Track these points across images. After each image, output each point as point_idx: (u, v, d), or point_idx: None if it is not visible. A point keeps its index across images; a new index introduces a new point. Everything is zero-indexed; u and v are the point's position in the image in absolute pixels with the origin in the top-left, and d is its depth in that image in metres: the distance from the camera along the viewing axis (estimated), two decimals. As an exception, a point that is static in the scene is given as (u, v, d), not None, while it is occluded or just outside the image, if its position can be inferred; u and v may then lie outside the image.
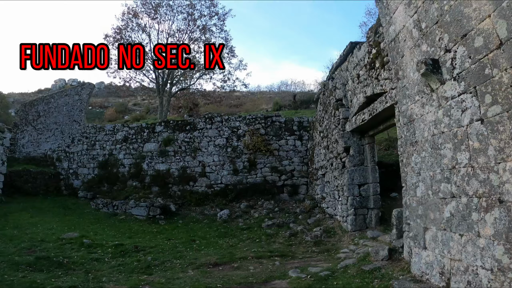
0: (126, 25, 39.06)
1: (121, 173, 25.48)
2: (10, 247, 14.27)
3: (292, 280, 10.00)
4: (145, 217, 20.62)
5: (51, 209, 22.07)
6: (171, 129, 24.64)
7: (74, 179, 27.07)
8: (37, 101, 33.62)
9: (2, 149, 23.16)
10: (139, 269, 12.10)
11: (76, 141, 27.88)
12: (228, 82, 40.81)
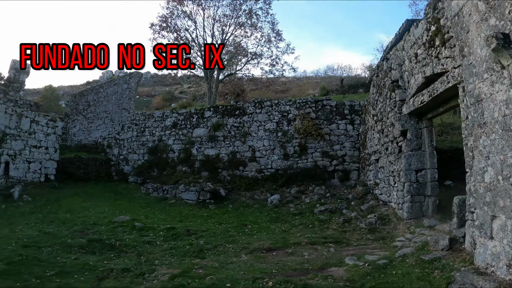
0: (171, 13, 38.72)
1: (170, 158, 25.20)
2: (63, 230, 14.11)
3: (349, 267, 9.35)
4: (195, 201, 20.21)
5: (102, 194, 22.10)
6: (220, 114, 24.09)
7: (124, 165, 27.08)
8: (86, 91, 33.80)
9: (55, 137, 23.77)
10: (192, 253, 11.65)
11: (126, 128, 27.80)
12: (276, 66, 39.90)
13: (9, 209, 17.64)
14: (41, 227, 14.39)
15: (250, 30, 38.54)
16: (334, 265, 9.72)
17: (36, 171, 22.69)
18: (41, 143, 23.10)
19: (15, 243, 12.16)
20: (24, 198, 19.47)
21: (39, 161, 22.91)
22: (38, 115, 23.40)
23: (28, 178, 22.17)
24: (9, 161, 21.43)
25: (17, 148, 21.83)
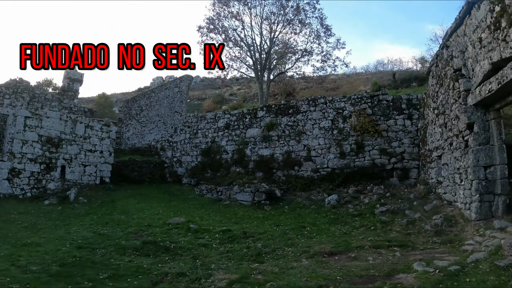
0: (218, 14, 38.28)
1: (224, 159, 24.71)
2: (117, 231, 13.81)
3: (418, 274, 8.42)
4: (250, 202, 19.56)
5: (156, 195, 21.86)
6: (273, 114, 23.37)
7: (177, 166, 26.82)
8: (139, 96, 33.92)
9: (109, 141, 23.95)
10: (249, 257, 10.98)
11: (178, 130, 27.53)
12: (328, 62, 38.45)
13: (65, 211, 17.67)
14: (95, 229, 14.15)
15: (298, 27, 37.53)
16: (402, 271, 8.82)
17: (91, 174, 22.96)
18: (96, 147, 23.40)
19: (69, 244, 11.89)
20: (79, 200, 19.46)
21: (94, 164, 23.21)
22: (92, 121, 23.75)
23: (83, 181, 22.51)
24: (65, 165, 21.92)
25: (73, 152, 22.33)
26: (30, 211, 17.72)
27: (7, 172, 20.21)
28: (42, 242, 12.09)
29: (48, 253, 10.69)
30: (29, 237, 12.88)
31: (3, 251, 10.87)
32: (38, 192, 20.75)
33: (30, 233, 13.63)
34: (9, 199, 19.64)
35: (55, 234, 13.28)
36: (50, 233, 13.58)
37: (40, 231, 14.01)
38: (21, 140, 20.79)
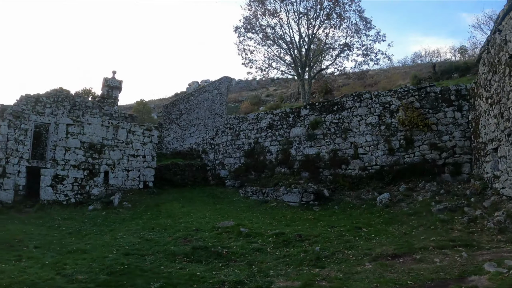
0: (255, 13, 37.12)
1: (268, 160, 23.78)
2: (165, 236, 13.13)
3: (492, 276, 7.61)
4: (298, 203, 18.62)
5: (200, 199, 21.19)
6: (317, 111, 22.34)
7: (220, 169, 26.08)
8: (177, 100, 33.44)
9: (151, 145, 23.55)
10: (308, 261, 10.10)
11: (220, 133, 26.76)
12: (370, 56, 36.57)
13: (109, 216, 17.22)
14: (142, 234, 13.50)
15: (336, 21, 35.89)
16: (473, 273, 8.00)
17: (134, 178, 22.56)
18: (138, 152, 23.01)
19: (116, 250, 11.23)
20: (124, 204, 19.07)
21: (137, 169, 22.81)
22: (134, 126, 23.38)
23: (127, 186, 22.14)
24: (108, 170, 21.73)
25: (115, 157, 22.11)
26: (74, 216, 17.41)
27: (50, 178, 20.22)
28: (88, 248, 11.46)
29: (95, 261, 10.02)
30: (74, 243, 12.35)
31: (48, 258, 10.30)
32: (81, 198, 20.61)
33: (75, 239, 13.13)
34: (53, 205, 19.53)
35: (101, 240, 12.68)
36: (96, 239, 13.01)
37: (86, 237, 13.49)
38: (63, 147, 20.80)
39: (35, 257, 10.37)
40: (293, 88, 46.51)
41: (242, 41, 37.33)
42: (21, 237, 13.00)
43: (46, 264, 9.74)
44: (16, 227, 14.82)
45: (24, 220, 16.60)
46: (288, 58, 37.26)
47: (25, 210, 18.61)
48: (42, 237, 13.23)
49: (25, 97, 24.46)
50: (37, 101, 24.62)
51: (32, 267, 9.51)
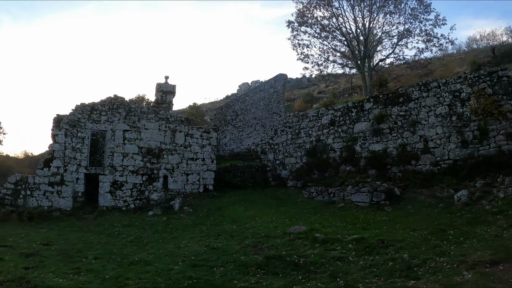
0: (309, 4, 34.97)
1: (331, 158, 22.21)
2: (233, 244, 11.97)
3: None
4: (368, 203, 17.01)
5: (262, 201, 19.89)
6: (382, 104, 20.66)
7: (281, 169, 24.67)
8: (232, 102, 32.53)
9: (210, 148, 22.73)
10: (399, 272, 8.70)
11: (279, 132, 25.41)
12: (432, 42, 33.84)
13: (170, 222, 16.27)
14: (207, 242, 12.39)
15: (395, 7, 33.43)
16: None
17: (194, 182, 21.67)
18: (197, 155, 22.20)
19: (182, 261, 10.13)
20: (185, 209, 18.18)
21: (197, 172, 21.96)
22: (191, 129, 22.59)
23: (187, 190, 21.28)
24: (167, 175, 21.09)
25: (174, 162, 21.43)
26: (134, 223, 16.62)
27: (109, 185, 19.88)
28: (151, 259, 10.40)
29: (160, 274, 8.96)
30: (136, 253, 11.35)
31: (109, 271, 9.33)
32: (141, 203, 20.10)
33: (137, 248, 12.15)
34: (112, 211, 19.09)
35: (164, 249, 11.62)
36: (158, 248, 11.95)
37: (147, 245, 12.50)
38: (121, 153, 20.46)
39: (95, 270, 9.40)
40: (345, 83, 44.52)
41: (296, 35, 35.49)
42: (80, 246, 12.21)
43: (106, 278, 8.76)
44: (75, 235, 14.16)
45: (83, 227, 15.99)
46: (344, 50, 35.13)
47: (84, 217, 18.30)
48: (101, 246, 12.35)
49: (81, 106, 24.21)
50: (93, 109, 24.29)
51: (91, 282, 8.59)
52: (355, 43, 33.75)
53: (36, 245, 12.19)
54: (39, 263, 9.86)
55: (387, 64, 35.55)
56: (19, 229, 15.24)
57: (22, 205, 18.34)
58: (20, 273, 8.95)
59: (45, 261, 10.14)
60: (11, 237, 13.28)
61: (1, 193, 18.46)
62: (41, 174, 19.16)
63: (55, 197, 19.04)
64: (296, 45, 35.28)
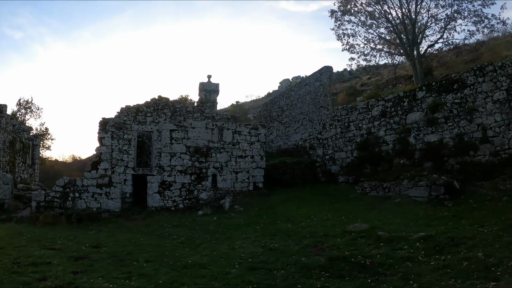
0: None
1: (384, 151, 21.04)
2: (290, 244, 11.12)
3: None
4: (426, 198, 15.80)
5: (314, 198, 18.95)
6: (435, 92, 19.34)
7: (331, 164, 23.62)
8: (277, 98, 31.80)
9: (259, 145, 22.05)
10: (476, 273, 7.70)
11: (327, 126, 24.38)
12: (483, 23, 31.46)
13: (222, 221, 15.64)
14: (263, 242, 11.59)
15: None
16: None
17: (244, 180, 21.10)
18: (246, 153, 21.62)
19: (238, 264, 9.37)
20: (235, 208, 17.56)
21: (246, 170, 21.38)
22: (239, 126, 22.01)
23: (236, 188, 20.74)
24: (216, 173, 20.65)
25: (223, 160, 20.98)
26: (184, 223, 16.10)
27: (157, 185, 19.61)
28: (205, 262, 9.66)
29: (217, 279, 8.21)
30: (189, 255, 10.63)
31: (162, 276, 8.65)
32: (190, 203, 19.74)
33: (189, 250, 11.44)
34: (161, 211, 18.74)
35: (217, 251, 10.88)
36: (212, 249, 11.22)
37: (200, 247, 11.78)
38: (169, 153, 20.25)
39: (147, 274, 8.72)
40: (388, 74, 42.83)
41: (340, 25, 34.12)
42: (130, 248, 11.61)
43: (160, 284, 8.06)
44: (125, 237, 13.67)
45: (133, 229, 15.53)
46: (390, 38, 33.58)
47: (133, 218, 18.01)
48: (152, 248, 11.70)
49: (126, 108, 24.08)
50: (138, 111, 24.01)
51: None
52: (402, 29, 31.90)
53: (85, 247, 11.70)
54: (88, 267, 9.30)
55: (436, 50, 33.38)
56: (68, 231, 14.92)
57: (71, 207, 18.21)
58: (68, 278, 8.39)
59: (95, 264, 9.57)
60: (60, 240, 12.91)
61: (50, 196, 18.38)
62: (89, 177, 19.00)
63: (103, 199, 18.87)
64: (341, 35, 33.93)
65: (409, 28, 31.62)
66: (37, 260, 9.77)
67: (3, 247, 11.42)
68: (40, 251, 10.94)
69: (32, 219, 16.80)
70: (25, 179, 27.26)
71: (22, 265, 9.36)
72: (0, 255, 10.38)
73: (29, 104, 44.97)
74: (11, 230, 14.71)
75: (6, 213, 18.16)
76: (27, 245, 11.94)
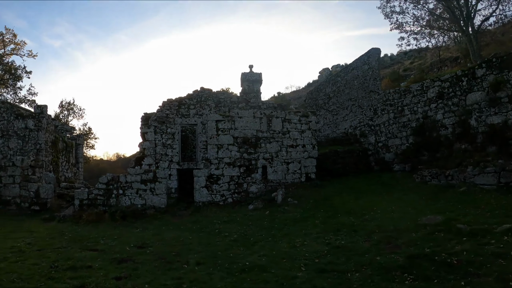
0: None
1: (442, 136, 19.18)
2: (359, 241, 9.76)
3: None
4: (495, 185, 14.11)
5: (370, 188, 17.49)
6: (496, 69, 17.38)
7: (384, 152, 22.04)
8: (322, 85, 30.36)
9: (310, 133, 20.48)
10: None
11: (379, 111, 22.78)
12: None
13: (276, 216, 14.35)
14: (327, 238, 10.24)
15: None
16: None
17: (295, 171, 19.60)
18: (296, 142, 20.05)
19: (304, 265, 8.13)
20: (289, 201, 16.23)
21: (298, 160, 19.87)
22: (288, 113, 20.45)
23: (287, 180, 19.32)
24: (266, 164, 19.33)
25: (273, 150, 19.59)
26: (235, 218, 14.90)
27: (204, 179, 18.50)
28: (265, 263, 8.39)
29: (283, 284, 6.93)
30: (245, 255, 9.39)
31: (217, 282, 7.53)
32: (239, 197, 18.57)
33: (244, 249, 10.16)
34: (208, 206, 17.65)
35: (277, 250, 9.59)
36: (270, 248, 9.93)
37: (255, 245, 10.49)
38: (215, 145, 18.98)
39: (200, 280, 7.57)
40: (431, 57, 40.44)
41: (388, 2, 31.42)
42: (179, 248, 10.48)
43: (216, 290, 6.85)
44: (172, 235, 12.59)
45: (180, 226, 14.46)
46: (440, 12, 30.93)
47: (179, 214, 16.98)
48: (203, 247, 10.50)
49: (168, 102, 23.43)
50: (180, 104, 23.33)
51: (199, 297, 6.71)
52: (454, 4, 29.00)
53: (130, 248, 10.66)
54: (133, 271, 8.23)
55: (489, 25, 30.48)
56: (112, 229, 14.03)
57: (115, 205, 17.43)
58: (110, 285, 7.37)
59: (140, 268, 8.48)
60: (103, 239, 11.97)
61: (93, 194, 17.66)
62: (133, 172, 18.11)
63: (148, 195, 17.91)
64: (389, 13, 31.76)
65: (461, 1, 28.98)
66: (77, 264, 8.82)
67: (42, 249, 10.57)
68: (81, 253, 9.99)
69: (75, 217, 16.10)
70: (69, 178, 26.86)
71: (60, 269, 8.41)
72: (38, 257, 9.49)
73: (71, 105, 45.04)
74: (53, 229, 13.95)
75: (49, 212, 17.60)
76: (68, 246, 11.05)
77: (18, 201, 18.51)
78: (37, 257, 9.56)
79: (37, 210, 18.04)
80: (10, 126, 22.63)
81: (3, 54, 40.84)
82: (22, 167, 19.01)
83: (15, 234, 12.76)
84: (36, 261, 9.09)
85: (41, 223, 15.56)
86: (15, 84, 40.87)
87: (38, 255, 9.81)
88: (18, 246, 10.81)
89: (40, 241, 11.63)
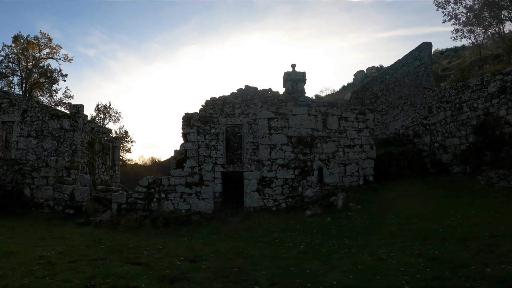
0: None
1: (506, 134, 17.57)
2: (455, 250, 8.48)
3: None
4: None
5: (430, 191, 16.05)
6: None
7: (441, 153, 20.59)
8: (368, 83, 29.26)
9: (367, 132, 19.15)
10: None
11: (434, 109, 21.30)
12: None
13: (340, 223, 13.09)
14: (415, 248, 8.93)
15: None
16: None
17: (353, 173, 18.21)
18: (354, 141, 18.66)
19: (406, 283, 6.92)
20: (350, 206, 14.96)
21: (355, 161, 18.48)
22: (345, 111, 19.11)
23: (345, 183, 17.95)
24: (322, 166, 18.02)
25: (329, 150, 18.25)
26: (294, 226, 13.63)
27: (256, 182, 17.29)
28: (354, 281, 7.27)
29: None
30: (324, 271, 8.16)
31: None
32: (294, 202, 17.26)
33: (319, 263, 8.86)
34: (260, 212, 16.47)
35: (361, 264, 8.32)
36: (350, 261, 8.66)
37: (332, 258, 9.21)
38: (267, 145, 17.81)
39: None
40: (470, 55, 38.66)
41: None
42: (240, 263, 9.21)
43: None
44: (226, 245, 11.42)
45: (232, 234, 13.30)
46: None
47: (227, 220, 15.90)
48: (269, 261, 9.21)
49: (211, 101, 22.35)
50: (225, 102, 22.25)
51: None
52: None
53: (180, 262, 9.38)
54: (191, 296, 6.92)
55: None
56: (154, 237, 13.02)
57: (156, 210, 16.48)
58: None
59: (198, 290, 7.18)
60: (146, 250, 10.81)
61: (133, 197, 16.74)
62: (177, 175, 17.15)
63: (193, 199, 16.94)
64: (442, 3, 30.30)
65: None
66: (118, 283, 7.51)
67: (76, 260, 9.25)
68: (122, 267, 8.68)
69: (113, 223, 15.29)
70: (106, 180, 26.16)
71: (98, 290, 7.09)
72: (71, 272, 8.18)
73: (107, 108, 44.75)
74: (88, 236, 12.89)
75: (84, 216, 16.76)
76: (106, 257, 9.78)
77: (51, 204, 17.56)
78: (69, 271, 8.26)
79: (71, 213, 17.10)
80: (45, 126, 22.15)
81: (39, 58, 40.68)
82: (56, 168, 18.03)
83: (46, 241, 11.64)
84: (67, 277, 7.80)
85: (75, 228, 14.67)
86: (51, 87, 40.68)
87: (70, 268, 8.50)
88: (48, 256, 9.57)
89: (74, 251, 10.42)
